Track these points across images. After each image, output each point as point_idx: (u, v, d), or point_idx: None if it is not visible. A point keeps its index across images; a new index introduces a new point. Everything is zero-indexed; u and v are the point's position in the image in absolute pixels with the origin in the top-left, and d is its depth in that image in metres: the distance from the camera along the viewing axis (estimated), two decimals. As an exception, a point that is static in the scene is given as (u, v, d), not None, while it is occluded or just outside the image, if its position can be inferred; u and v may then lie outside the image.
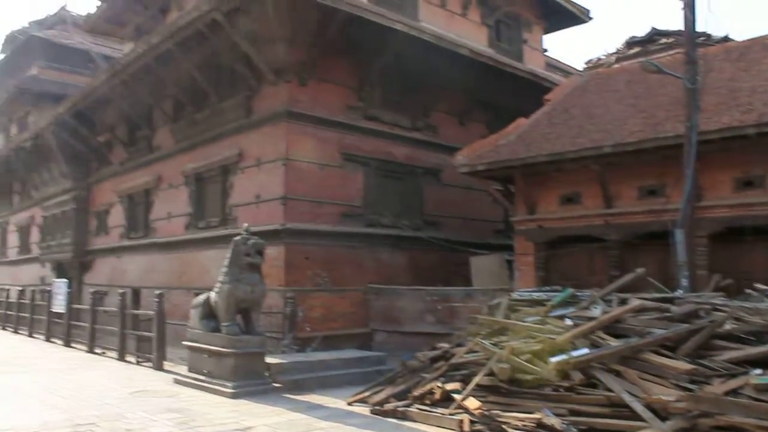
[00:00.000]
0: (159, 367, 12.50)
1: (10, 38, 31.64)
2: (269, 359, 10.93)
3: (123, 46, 23.02)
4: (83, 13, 29.42)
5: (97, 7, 21.43)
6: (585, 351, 7.73)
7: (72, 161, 22.42)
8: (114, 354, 14.22)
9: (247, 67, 13.88)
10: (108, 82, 17.39)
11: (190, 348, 11.19)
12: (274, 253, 12.44)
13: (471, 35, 17.39)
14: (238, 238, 10.63)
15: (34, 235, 26.92)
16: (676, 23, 28.68)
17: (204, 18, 13.20)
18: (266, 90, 13.84)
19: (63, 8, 30.56)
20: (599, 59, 30.13)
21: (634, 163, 11.18)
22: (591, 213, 11.89)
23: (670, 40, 26.38)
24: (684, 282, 9.66)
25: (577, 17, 21.07)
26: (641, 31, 28.26)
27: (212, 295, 10.92)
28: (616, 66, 25.52)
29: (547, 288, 11.15)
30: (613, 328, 8.17)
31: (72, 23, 29.45)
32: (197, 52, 14.74)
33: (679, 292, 9.34)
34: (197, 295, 11.83)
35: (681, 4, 10.53)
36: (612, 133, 11.55)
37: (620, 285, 9.77)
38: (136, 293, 17.81)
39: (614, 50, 28.98)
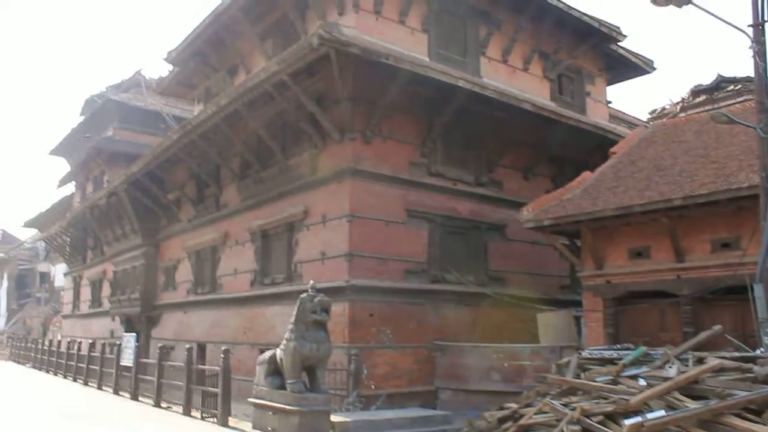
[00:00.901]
0: (224, 423, 12.50)
1: (89, 102, 33.28)
2: (334, 417, 10.84)
3: (193, 107, 23.89)
4: (156, 76, 30.72)
5: (170, 71, 22.35)
6: (661, 413, 7.42)
7: (143, 218, 23.15)
8: (179, 408, 14.33)
9: (312, 125, 14.18)
10: (178, 142, 17.99)
11: (255, 405, 11.21)
12: (338, 309, 12.44)
13: (533, 89, 17.41)
14: (304, 295, 10.70)
15: (105, 290, 27.75)
16: (743, 69, 28.02)
17: (271, 79, 13.57)
18: (331, 148, 14.07)
19: (138, 72, 32.05)
20: (664, 108, 29.74)
21: (706, 215, 10.88)
22: (661, 267, 11.56)
23: (738, 87, 25.90)
24: (766, 340, 9.20)
25: (640, 68, 20.89)
26: (707, 79, 27.76)
27: (278, 352, 10.96)
28: (682, 115, 25.17)
29: (618, 346, 10.83)
30: (691, 389, 7.83)
31: (146, 86, 30.85)
32: (264, 112, 15.17)
33: (760, 351, 8.90)
34: (262, 351, 11.89)
35: (750, 52, 10.31)
36: (682, 185, 11.29)
37: (696, 343, 9.40)
38: (202, 348, 18.03)
39: (679, 99, 28.60)
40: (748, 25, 10.36)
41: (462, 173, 15.44)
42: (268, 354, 11.31)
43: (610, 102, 21.29)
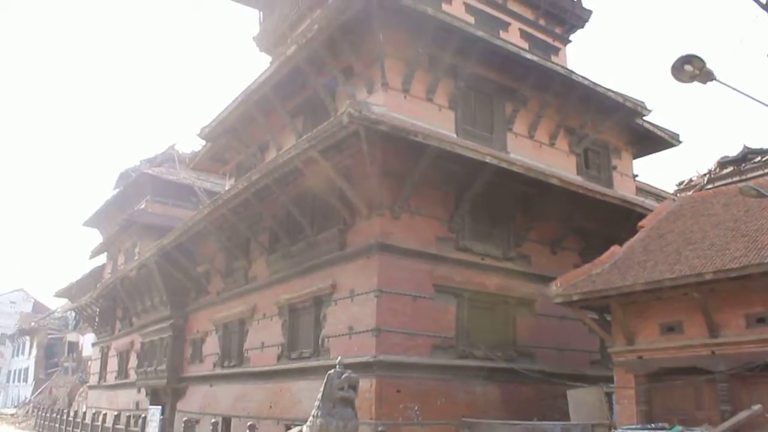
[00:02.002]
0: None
1: (124, 175, 34.16)
2: (361, 498, 10.60)
3: (224, 181, 24.37)
4: (189, 151, 31.56)
5: (202, 146, 22.94)
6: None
7: (172, 290, 23.33)
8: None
9: (341, 201, 14.39)
10: (209, 216, 18.31)
11: (282, 484, 11.02)
12: (365, 385, 12.31)
13: (560, 164, 17.54)
14: (332, 371, 10.64)
15: (132, 361, 27.77)
16: (770, 141, 27.99)
17: (301, 156, 13.89)
18: (359, 223, 14.24)
19: (171, 147, 32.94)
20: (691, 180, 29.63)
21: (740, 289, 10.72)
22: (695, 343, 11.34)
23: (765, 158, 25.81)
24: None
25: (666, 142, 20.92)
26: (733, 150, 27.73)
27: (304, 428, 10.82)
28: (709, 187, 25.07)
29: (652, 424, 10.58)
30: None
31: (179, 160, 31.63)
32: (293, 187, 15.46)
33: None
34: (288, 427, 11.79)
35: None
36: (713, 259, 11.18)
37: (735, 423, 9.15)
38: (227, 422, 17.86)
39: (706, 171, 28.51)
40: (772, 100, 10.47)
41: (489, 248, 15.46)
42: (294, 431, 11.18)
43: (636, 175, 21.30)
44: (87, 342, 44.29)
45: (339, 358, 11.11)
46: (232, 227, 18.34)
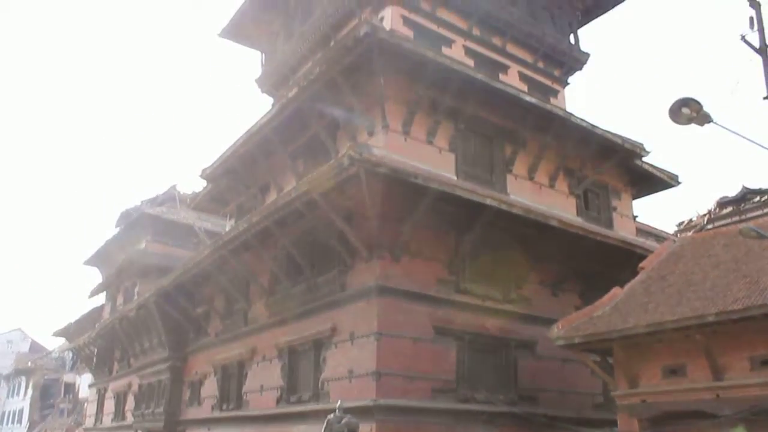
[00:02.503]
0: None
1: (125, 215, 34.18)
2: None
3: (225, 221, 24.40)
4: (190, 191, 31.65)
5: (203, 187, 23.02)
6: None
7: (171, 331, 23.18)
8: None
9: (341, 243, 14.38)
10: (209, 257, 18.28)
11: None
12: (365, 429, 12.18)
13: (560, 205, 17.57)
14: (331, 416, 10.56)
15: (129, 403, 27.46)
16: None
17: (302, 198, 13.92)
18: (360, 266, 14.20)
19: (173, 187, 33.05)
20: (691, 221, 29.71)
21: (743, 331, 10.65)
22: (699, 386, 11.22)
23: (764, 198, 25.93)
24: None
25: (665, 183, 21.00)
26: (732, 190, 27.88)
27: (304, 476, 10.69)
28: (709, 227, 25.12)
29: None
30: None
31: (180, 201, 31.72)
32: (294, 229, 15.45)
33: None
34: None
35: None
36: (714, 300, 11.14)
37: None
38: (226, 467, 17.59)
39: (706, 211, 28.61)
40: (770, 142, 10.55)
41: (490, 290, 15.39)
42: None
43: (636, 216, 21.34)
44: (84, 383, 43.91)
45: (339, 402, 11.03)
46: (232, 269, 18.28)
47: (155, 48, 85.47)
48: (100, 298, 35.15)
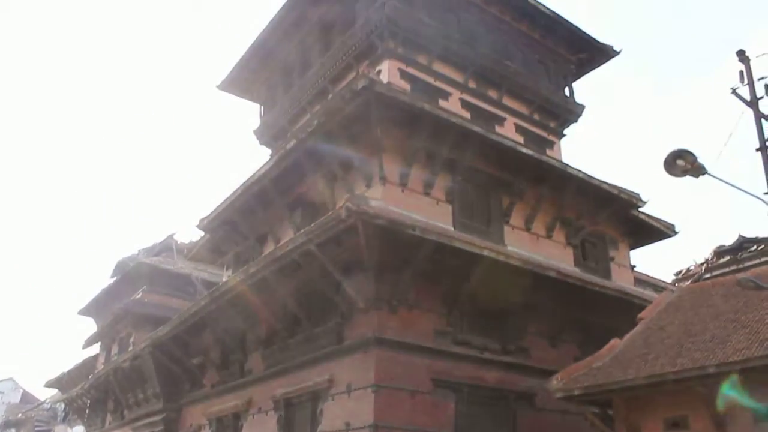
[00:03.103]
0: None
1: (121, 264, 34.09)
2: None
3: (222, 271, 24.34)
4: (188, 240, 31.66)
5: (201, 236, 23.02)
6: None
7: (165, 382, 22.87)
8: None
9: (338, 294, 14.34)
10: (206, 308, 18.17)
11: None
12: (363, 484, 11.98)
13: (557, 256, 17.59)
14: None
15: (123, 456, 26.93)
16: (765, 229, 28.27)
17: (299, 249, 13.93)
18: (357, 317, 14.13)
19: (170, 236, 33.04)
20: (689, 270, 29.69)
21: (744, 382, 10.52)
22: (702, 438, 11.09)
23: (761, 247, 25.98)
24: None
25: (662, 232, 21.09)
26: (729, 239, 27.95)
27: None
28: (707, 276, 25.10)
29: None
30: None
31: (177, 250, 31.68)
32: (291, 280, 15.40)
33: None
34: None
35: (770, 215, 10.49)
36: (715, 351, 11.10)
37: None
38: None
39: (703, 260, 28.62)
40: (765, 193, 10.67)
41: (488, 341, 15.29)
42: None
43: (634, 266, 21.37)
44: (76, 435, 43.06)
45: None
46: (228, 319, 18.17)
47: (154, 96, 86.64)
48: (94, 349, 34.80)
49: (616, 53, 22.88)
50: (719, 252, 27.82)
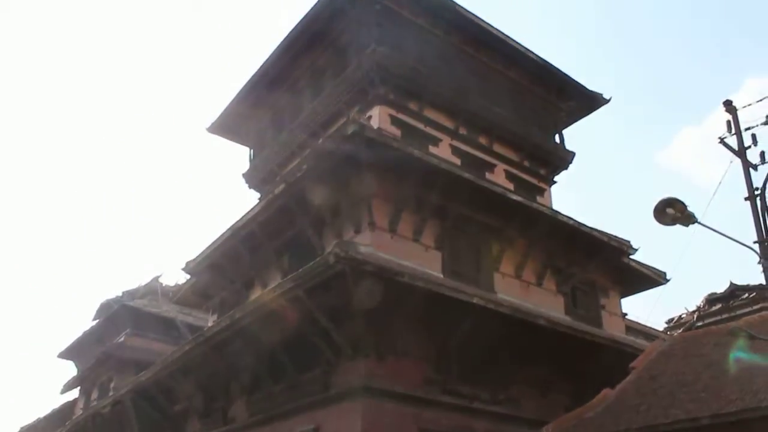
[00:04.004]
0: None
1: (104, 306, 33.60)
2: None
3: (207, 315, 24.00)
4: (173, 283, 31.29)
5: (186, 279, 22.76)
6: None
7: (146, 429, 22.33)
8: None
9: (325, 341, 14.08)
10: (189, 353, 17.82)
11: None
12: None
13: (548, 304, 17.44)
14: None
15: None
16: (755, 277, 28.33)
17: (286, 295, 13.74)
18: (344, 365, 13.88)
19: (155, 279, 32.68)
20: (680, 317, 29.65)
21: (738, 432, 10.41)
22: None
23: (752, 294, 25.98)
24: None
25: (653, 280, 21.01)
26: (720, 286, 27.99)
27: None
28: (699, 324, 25.00)
29: None
30: None
31: (162, 293, 31.31)
32: (277, 326, 15.10)
33: None
34: None
35: (760, 267, 10.49)
36: (708, 402, 11.02)
37: None
38: None
39: (695, 308, 28.59)
40: (754, 242, 10.68)
41: (478, 390, 15.01)
42: None
43: (625, 314, 21.24)
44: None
45: None
46: (212, 365, 17.81)
47: (141, 136, 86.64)
48: (73, 393, 34.05)
49: (606, 101, 23.09)
50: (711, 300, 27.83)
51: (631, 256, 19.39)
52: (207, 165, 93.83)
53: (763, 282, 10.71)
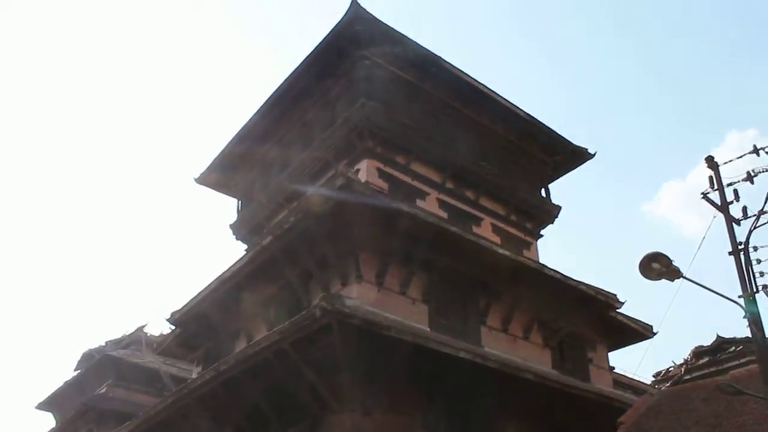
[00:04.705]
0: None
1: (87, 356, 33.02)
2: None
3: (192, 367, 23.67)
4: (158, 333, 30.90)
5: (171, 330, 22.49)
6: None
7: (127, 484, 21.78)
8: None
9: (311, 394, 13.92)
10: (172, 406, 17.50)
11: None
12: None
13: (535, 358, 17.38)
14: None
15: None
16: (742, 330, 28.38)
17: (272, 348, 13.61)
18: (330, 418, 13.69)
19: (140, 328, 32.24)
20: (668, 371, 29.57)
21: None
22: None
23: (739, 347, 26.00)
24: None
25: (640, 333, 20.97)
26: (707, 339, 28.02)
27: None
28: (687, 378, 24.94)
29: None
30: None
31: (146, 343, 30.85)
32: (263, 379, 14.95)
33: None
34: None
35: (746, 322, 10.53)
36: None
37: None
38: None
39: (682, 361, 28.54)
40: (738, 296, 10.74)
41: (465, 445, 14.84)
42: None
43: (613, 367, 21.15)
44: None
45: None
46: (196, 417, 17.49)
47: (126, 185, 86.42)
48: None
49: (591, 156, 23.39)
50: (698, 353, 27.83)
51: (618, 310, 19.42)
52: (195, 215, 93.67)
53: (749, 335, 10.73)
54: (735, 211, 13.32)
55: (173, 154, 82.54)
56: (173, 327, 22.01)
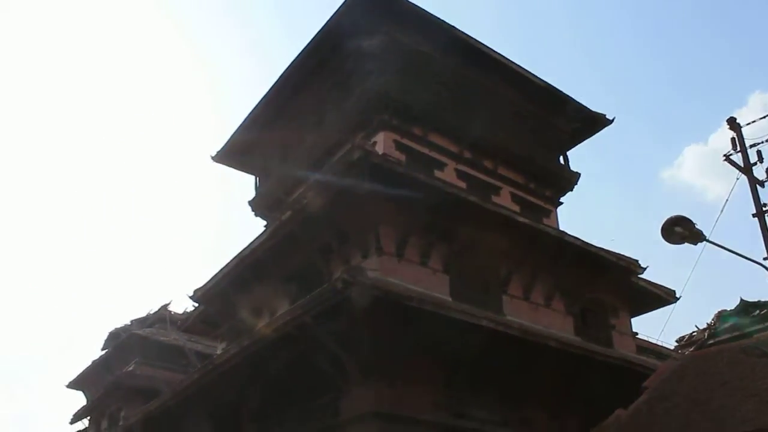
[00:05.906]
0: None
1: (113, 335, 33.56)
2: None
3: (216, 343, 23.96)
4: (182, 310, 31.26)
5: (195, 307, 22.74)
6: None
7: (157, 459, 22.19)
8: None
9: (334, 367, 14.03)
10: (198, 382, 17.75)
11: None
12: None
13: (557, 325, 17.39)
14: None
15: None
16: (765, 294, 28.11)
17: (295, 321, 13.71)
18: (354, 391, 13.79)
19: (164, 306, 32.63)
20: (692, 335, 29.39)
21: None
22: None
23: (763, 311, 25.78)
24: None
25: (663, 299, 20.92)
26: (730, 303, 27.75)
27: None
28: (711, 342, 24.80)
29: None
30: None
31: (171, 321, 31.24)
32: (286, 353, 15.08)
33: None
34: None
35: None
36: (724, 421, 10.82)
37: None
38: None
39: (705, 325, 28.37)
40: (764, 258, 10.62)
41: (488, 413, 14.90)
42: None
43: (636, 333, 21.11)
44: None
45: None
46: (221, 393, 17.74)
47: (148, 164, 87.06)
48: (82, 423, 33.84)
49: (610, 122, 23.12)
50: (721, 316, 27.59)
51: (640, 275, 19.32)
52: (214, 193, 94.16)
53: (774, 297, 10.63)
54: (759, 172, 13.16)
55: (192, 132, 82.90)
56: (196, 304, 22.26)
